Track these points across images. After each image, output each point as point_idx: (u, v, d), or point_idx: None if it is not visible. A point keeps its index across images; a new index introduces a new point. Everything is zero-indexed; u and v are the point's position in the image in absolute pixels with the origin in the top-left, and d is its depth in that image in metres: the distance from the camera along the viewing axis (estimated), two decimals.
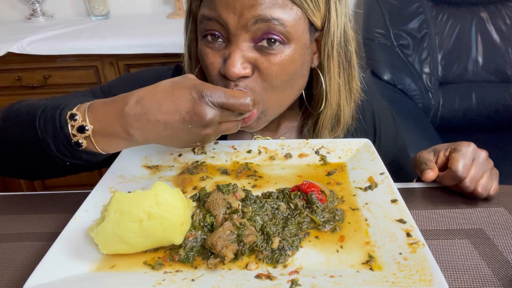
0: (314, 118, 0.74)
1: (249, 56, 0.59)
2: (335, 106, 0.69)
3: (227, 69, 0.58)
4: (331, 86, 0.67)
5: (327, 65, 0.65)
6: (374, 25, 1.86)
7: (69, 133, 0.53)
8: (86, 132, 0.53)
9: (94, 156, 0.56)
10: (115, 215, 0.45)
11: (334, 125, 0.73)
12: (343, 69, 0.67)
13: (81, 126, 0.52)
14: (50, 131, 0.54)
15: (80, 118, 0.53)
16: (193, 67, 0.72)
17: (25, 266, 0.52)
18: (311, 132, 0.75)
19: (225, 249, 0.46)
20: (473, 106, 1.84)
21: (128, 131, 0.52)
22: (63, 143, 0.54)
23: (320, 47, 0.65)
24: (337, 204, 0.57)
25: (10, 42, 1.59)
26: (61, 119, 0.54)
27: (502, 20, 1.85)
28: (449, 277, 0.49)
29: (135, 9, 2.07)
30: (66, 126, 0.53)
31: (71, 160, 0.56)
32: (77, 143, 0.53)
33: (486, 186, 0.61)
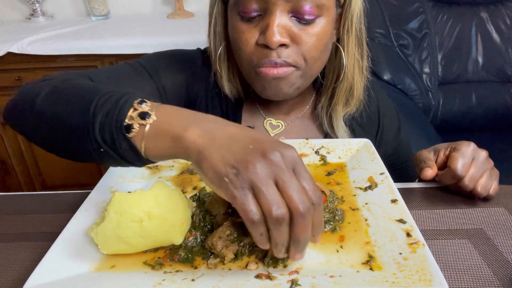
0: (328, 93, 0.76)
1: (287, 27, 0.61)
2: (350, 79, 0.73)
3: (267, 37, 0.60)
4: (349, 59, 0.71)
5: (346, 39, 0.69)
6: (374, 25, 1.85)
7: (128, 113, 0.46)
8: (147, 120, 0.45)
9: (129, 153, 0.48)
10: (115, 215, 0.45)
11: (348, 98, 0.75)
12: (358, 45, 0.71)
13: (144, 112, 0.46)
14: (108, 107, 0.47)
15: (148, 106, 0.47)
16: (218, 46, 0.73)
17: (25, 266, 0.52)
18: (324, 107, 0.78)
19: (225, 249, 0.46)
20: (473, 106, 1.84)
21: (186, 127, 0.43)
22: (110, 124, 0.47)
23: (340, 22, 0.69)
24: (337, 204, 0.57)
25: (10, 42, 1.59)
26: (127, 100, 0.47)
27: (502, 20, 1.85)
28: (449, 277, 0.49)
29: (135, 9, 2.07)
30: (129, 106, 0.47)
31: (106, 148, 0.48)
32: (129, 126, 0.46)
33: (486, 186, 0.61)
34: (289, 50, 0.63)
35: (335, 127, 0.78)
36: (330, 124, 0.78)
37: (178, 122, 0.45)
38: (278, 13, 0.60)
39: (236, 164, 0.39)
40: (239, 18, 0.64)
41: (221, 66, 0.74)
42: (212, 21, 0.72)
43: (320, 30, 0.63)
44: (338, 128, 0.77)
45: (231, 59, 0.74)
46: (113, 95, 0.49)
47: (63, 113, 0.51)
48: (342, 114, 0.77)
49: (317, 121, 0.80)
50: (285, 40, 0.61)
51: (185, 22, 1.85)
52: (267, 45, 0.61)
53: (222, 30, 0.71)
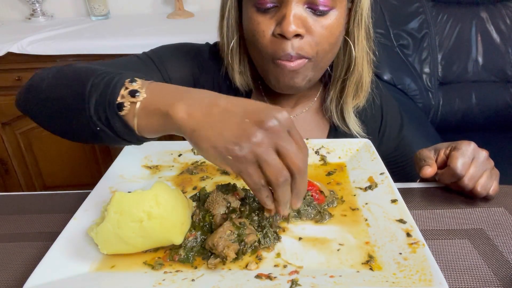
0: (337, 87, 0.78)
1: (302, 18, 0.63)
2: (360, 71, 0.74)
3: (284, 27, 0.61)
4: (359, 52, 0.72)
5: (356, 32, 0.71)
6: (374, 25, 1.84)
7: (119, 92, 0.48)
8: (136, 97, 0.47)
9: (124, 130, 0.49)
10: (115, 215, 0.45)
11: (357, 90, 0.77)
12: (367, 39, 0.73)
13: (134, 90, 0.47)
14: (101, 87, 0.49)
15: (138, 85, 0.48)
16: (231, 39, 0.73)
17: (25, 266, 0.52)
18: (334, 100, 0.79)
19: (227, 249, 0.46)
20: (473, 106, 1.84)
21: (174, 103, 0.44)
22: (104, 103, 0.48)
23: (351, 16, 0.70)
24: (337, 204, 0.57)
25: (10, 42, 1.59)
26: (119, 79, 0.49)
27: (502, 20, 1.85)
28: (449, 277, 0.49)
29: (135, 9, 2.07)
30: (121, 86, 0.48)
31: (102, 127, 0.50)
32: (120, 104, 0.47)
33: (485, 186, 0.61)
34: (303, 41, 0.64)
35: (347, 119, 0.78)
36: (342, 117, 0.79)
37: (166, 99, 0.45)
38: (294, 4, 0.61)
39: (236, 139, 0.40)
40: (255, 9, 0.65)
41: (233, 59, 0.74)
42: (226, 14, 0.72)
43: (333, 22, 0.65)
44: (349, 120, 0.78)
45: (242, 52, 0.75)
46: (107, 75, 0.50)
47: (64, 95, 0.53)
48: (352, 106, 0.78)
49: (326, 114, 0.81)
50: (300, 30, 0.62)
51: (185, 22, 1.84)
52: (283, 34, 0.62)
53: (235, 23, 0.72)
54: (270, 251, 0.49)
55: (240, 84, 0.76)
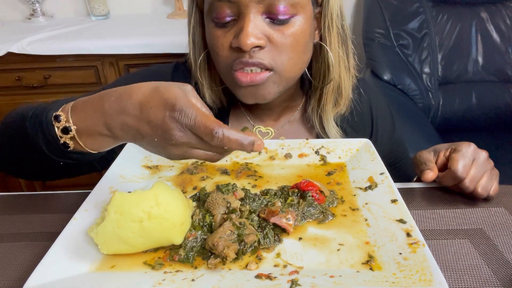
0: (317, 95, 0.75)
1: (262, 28, 0.61)
2: (337, 78, 0.72)
3: (240, 40, 0.59)
4: (333, 58, 0.70)
5: (328, 37, 0.68)
6: (374, 25, 1.85)
7: (56, 134, 0.52)
8: (70, 133, 0.51)
9: (84, 156, 0.55)
10: (115, 215, 0.45)
11: (336, 97, 0.75)
12: (341, 43, 0.70)
13: (64, 127, 0.51)
14: (40, 134, 0.54)
15: (64, 119, 0.52)
16: (197, 55, 0.73)
17: (25, 266, 0.52)
18: (315, 109, 0.76)
19: (227, 249, 0.46)
20: (473, 106, 1.84)
21: (110, 128, 0.49)
22: (52, 144, 0.53)
23: (321, 21, 0.68)
24: (337, 204, 0.57)
25: (10, 42, 1.59)
26: (47, 121, 0.53)
27: (502, 20, 1.85)
28: (449, 277, 0.49)
29: (135, 9, 2.07)
30: (52, 127, 0.52)
31: (65, 161, 0.56)
32: (64, 144, 0.53)
33: (486, 187, 0.61)
34: (264, 51, 0.62)
35: (326, 128, 0.77)
36: (322, 126, 0.77)
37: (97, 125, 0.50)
38: (252, 16, 0.59)
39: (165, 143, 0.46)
40: (214, 24, 0.63)
41: (202, 75, 0.73)
42: (191, 31, 0.72)
43: (297, 30, 0.62)
44: (329, 128, 0.77)
45: (212, 67, 0.73)
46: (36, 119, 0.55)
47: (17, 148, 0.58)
48: (332, 115, 0.76)
49: (308, 124, 0.79)
50: (260, 42, 0.60)
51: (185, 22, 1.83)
52: (240, 47, 0.60)
53: (201, 39, 0.71)
54: (270, 251, 0.49)
55: (212, 100, 0.75)
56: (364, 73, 1.87)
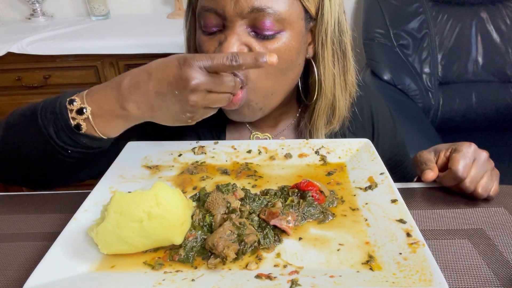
0: (310, 110, 0.74)
1: (245, 40, 0.61)
2: (330, 96, 0.70)
3: (223, 49, 0.59)
4: (325, 76, 0.68)
5: (321, 54, 0.66)
6: (374, 25, 1.85)
7: (69, 116, 0.55)
8: (85, 113, 0.54)
9: (94, 141, 0.57)
10: (115, 215, 0.45)
11: (329, 116, 0.73)
12: (337, 60, 0.68)
13: (79, 108, 0.54)
14: (51, 119, 0.56)
15: (78, 102, 0.55)
16: None
17: (25, 266, 0.52)
18: (307, 125, 0.75)
19: (227, 249, 0.46)
20: (473, 106, 1.84)
21: (123, 105, 0.52)
22: (63, 128, 0.55)
23: (315, 36, 0.66)
24: (337, 204, 0.57)
25: (10, 42, 1.59)
26: (61, 106, 0.55)
27: (502, 20, 1.85)
28: (449, 277, 0.49)
29: (135, 9, 2.07)
30: (66, 110, 0.55)
31: (73, 148, 0.57)
32: (77, 126, 0.55)
33: (486, 187, 0.61)
34: None
35: None
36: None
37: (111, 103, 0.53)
38: (237, 28, 0.60)
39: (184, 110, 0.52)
40: (202, 31, 0.64)
41: None
42: (186, 34, 0.73)
43: (282, 46, 0.61)
44: None
45: None
46: (48, 106, 0.57)
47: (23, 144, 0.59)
48: (324, 132, 0.74)
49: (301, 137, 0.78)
50: None
51: None
52: None
53: (195, 44, 0.71)
54: (270, 251, 0.49)
55: None
56: (364, 73, 1.87)
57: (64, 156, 0.58)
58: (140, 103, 0.52)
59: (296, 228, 0.53)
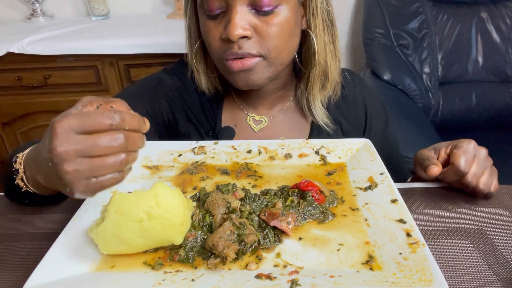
0: (305, 78, 0.78)
1: (248, 19, 0.64)
2: (323, 63, 0.74)
3: (228, 31, 0.63)
4: (318, 44, 0.72)
5: (313, 24, 0.71)
6: (374, 25, 1.85)
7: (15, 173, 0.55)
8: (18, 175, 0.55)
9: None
10: (115, 216, 0.45)
11: (323, 81, 0.77)
12: (327, 28, 0.73)
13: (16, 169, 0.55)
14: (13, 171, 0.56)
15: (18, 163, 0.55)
16: (193, 44, 0.77)
17: (25, 266, 0.52)
18: (304, 92, 0.79)
19: (227, 249, 0.46)
20: (473, 106, 1.84)
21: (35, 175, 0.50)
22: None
23: (306, 8, 0.71)
24: (337, 204, 0.57)
25: (10, 42, 1.59)
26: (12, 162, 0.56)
27: (502, 20, 1.85)
28: (449, 277, 0.49)
29: (135, 9, 2.07)
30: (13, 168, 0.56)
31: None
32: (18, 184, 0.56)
33: (487, 183, 0.61)
34: (251, 41, 0.65)
35: (313, 110, 0.79)
36: (309, 108, 0.80)
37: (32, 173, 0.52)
38: (238, 8, 0.63)
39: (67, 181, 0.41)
40: (206, 16, 0.67)
41: (198, 63, 0.77)
42: (187, 21, 0.76)
43: (281, 19, 0.65)
44: (316, 110, 0.79)
45: (207, 55, 0.76)
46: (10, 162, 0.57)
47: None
48: (320, 98, 0.78)
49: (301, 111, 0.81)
50: (246, 33, 0.64)
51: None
52: (229, 38, 0.64)
53: (196, 28, 0.75)
54: (270, 251, 0.49)
55: (207, 86, 0.79)
56: (364, 73, 1.87)
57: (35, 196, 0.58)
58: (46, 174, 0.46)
59: (296, 228, 0.53)
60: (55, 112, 1.77)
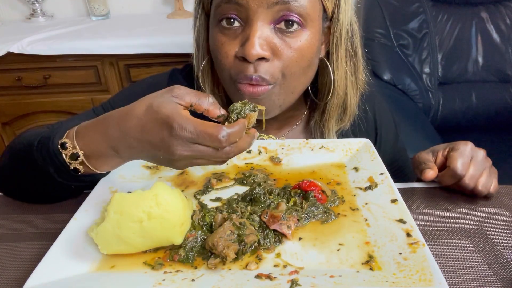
0: (320, 109, 0.74)
1: (268, 39, 0.59)
2: (342, 94, 0.71)
3: (246, 50, 0.57)
4: (338, 75, 0.69)
5: (335, 53, 0.67)
6: (374, 25, 1.85)
7: (64, 160, 0.54)
8: (79, 159, 0.53)
9: (95, 176, 0.58)
10: (115, 216, 0.45)
11: (341, 114, 0.74)
12: (350, 59, 0.69)
13: (72, 153, 0.53)
14: (49, 162, 0.55)
15: (70, 146, 0.53)
16: (201, 60, 0.71)
17: (25, 266, 0.52)
18: (318, 123, 0.76)
19: (227, 249, 0.46)
20: (473, 106, 1.84)
21: (116, 150, 0.51)
22: (62, 171, 0.55)
23: (329, 36, 0.67)
24: (338, 204, 0.57)
25: (10, 42, 1.59)
26: (54, 149, 0.55)
27: (502, 20, 1.85)
28: (449, 277, 0.49)
29: (135, 9, 2.07)
30: (60, 155, 0.54)
31: (76, 184, 0.58)
32: (75, 169, 0.55)
33: (486, 184, 0.61)
34: (268, 64, 0.60)
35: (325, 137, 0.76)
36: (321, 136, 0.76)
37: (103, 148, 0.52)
38: (260, 24, 0.58)
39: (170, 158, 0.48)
40: (219, 29, 0.62)
41: (204, 80, 0.72)
42: (195, 34, 0.71)
43: (304, 44, 0.60)
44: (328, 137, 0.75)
45: (215, 72, 0.71)
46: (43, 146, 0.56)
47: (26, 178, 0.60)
48: (335, 130, 0.75)
49: (310, 136, 0.78)
50: (265, 54, 0.58)
51: (185, 22, 1.84)
52: (245, 57, 0.58)
53: (205, 44, 0.69)
54: (270, 252, 0.49)
55: None
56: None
57: (68, 189, 0.59)
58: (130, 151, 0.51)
59: (297, 228, 0.53)
60: (55, 112, 1.77)
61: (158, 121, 0.46)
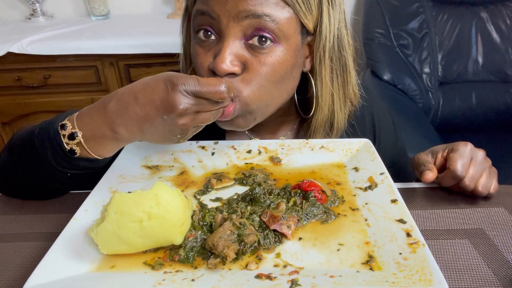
0: (308, 122, 0.73)
1: (239, 54, 0.59)
2: (326, 111, 0.69)
3: (216, 64, 0.57)
4: (322, 91, 0.67)
5: (318, 70, 0.65)
6: (374, 25, 1.86)
7: (62, 142, 0.55)
8: (77, 138, 0.54)
9: (91, 163, 0.58)
10: (115, 216, 0.45)
11: (327, 130, 0.72)
12: (336, 75, 0.67)
13: (71, 133, 0.54)
14: (47, 144, 0.56)
15: (69, 127, 0.55)
16: (187, 67, 0.72)
17: (25, 266, 0.52)
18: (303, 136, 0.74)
19: (227, 249, 0.46)
20: (473, 106, 1.84)
21: (113, 129, 0.52)
22: (59, 153, 0.56)
23: (313, 50, 0.65)
24: (338, 204, 0.57)
25: (10, 42, 1.59)
26: (54, 131, 0.55)
27: (502, 20, 1.85)
28: (449, 277, 0.49)
29: (135, 9, 2.07)
30: (59, 135, 0.55)
31: (71, 171, 0.58)
32: (71, 150, 0.55)
33: (486, 185, 0.61)
34: (238, 79, 0.59)
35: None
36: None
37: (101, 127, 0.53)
38: (232, 39, 0.58)
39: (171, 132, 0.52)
40: (196, 41, 0.62)
41: None
42: (182, 41, 0.72)
43: (276, 60, 0.59)
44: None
45: None
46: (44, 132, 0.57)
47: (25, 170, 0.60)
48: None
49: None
50: (234, 69, 0.58)
51: None
52: (215, 71, 0.58)
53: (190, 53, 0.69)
54: (270, 252, 0.49)
55: None
56: (364, 73, 1.87)
57: (64, 178, 0.59)
58: (129, 126, 0.52)
59: (297, 228, 0.53)
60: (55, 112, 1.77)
61: (160, 81, 0.50)
